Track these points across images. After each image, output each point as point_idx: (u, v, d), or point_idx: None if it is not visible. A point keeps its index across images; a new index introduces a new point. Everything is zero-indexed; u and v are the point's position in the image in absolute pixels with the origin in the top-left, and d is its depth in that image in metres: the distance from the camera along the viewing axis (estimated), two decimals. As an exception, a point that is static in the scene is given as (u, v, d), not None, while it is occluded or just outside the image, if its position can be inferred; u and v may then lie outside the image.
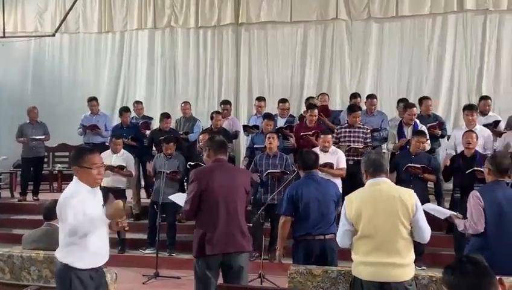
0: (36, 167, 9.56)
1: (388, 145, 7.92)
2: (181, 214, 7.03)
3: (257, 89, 11.00)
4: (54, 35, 11.56)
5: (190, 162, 7.39)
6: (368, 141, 7.54)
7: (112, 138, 8.05)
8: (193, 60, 11.56)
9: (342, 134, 7.57)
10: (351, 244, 3.71)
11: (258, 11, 11.03)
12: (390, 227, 3.55)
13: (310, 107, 8.05)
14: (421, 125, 7.61)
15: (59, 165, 10.88)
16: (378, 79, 10.51)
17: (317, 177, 4.98)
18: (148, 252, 7.41)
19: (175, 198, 5.56)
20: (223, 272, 4.28)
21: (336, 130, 7.71)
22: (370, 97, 8.58)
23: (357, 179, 4.79)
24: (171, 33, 11.71)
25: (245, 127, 8.79)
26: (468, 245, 4.43)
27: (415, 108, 7.75)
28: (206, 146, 4.51)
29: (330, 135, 7.09)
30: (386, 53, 10.49)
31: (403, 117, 7.75)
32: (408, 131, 7.55)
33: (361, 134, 7.52)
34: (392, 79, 10.43)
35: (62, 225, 3.60)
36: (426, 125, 7.71)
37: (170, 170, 7.39)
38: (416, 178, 6.64)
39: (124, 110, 9.29)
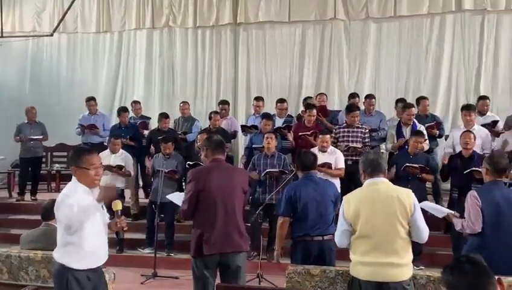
0: (34, 167, 9.54)
1: (387, 145, 7.93)
2: (179, 214, 7.03)
3: (255, 89, 10.99)
4: (52, 35, 11.54)
5: (189, 161, 7.38)
6: (367, 141, 7.54)
7: (111, 138, 8.05)
8: (191, 60, 11.55)
9: (341, 134, 7.58)
10: (349, 244, 3.71)
11: (256, 11, 11.02)
12: (388, 227, 3.55)
13: (309, 107, 8.06)
14: (420, 125, 7.61)
15: (57, 165, 10.85)
16: (376, 79, 10.52)
17: (315, 178, 4.98)
18: (146, 251, 7.41)
19: (173, 197, 5.55)
20: (221, 272, 4.27)
21: (335, 130, 7.71)
22: (368, 97, 8.59)
23: (356, 179, 4.79)
24: (169, 33, 11.70)
25: (243, 127, 8.79)
26: (466, 245, 4.45)
27: (414, 108, 7.77)
28: (204, 146, 4.50)
29: (328, 135, 7.09)
30: (384, 53, 10.49)
31: (402, 117, 7.76)
32: (407, 131, 7.56)
33: (359, 134, 7.53)
34: (390, 79, 10.44)
35: (59, 225, 3.61)
36: (424, 125, 7.72)
37: (168, 169, 7.38)
38: (414, 178, 6.65)
39: (122, 110, 9.29)
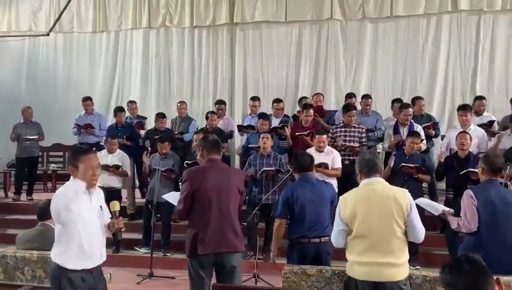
0: (30, 167, 9.51)
1: (384, 144, 7.94)
2: (175, 214, 7.01)
3: (252, 89, 10.99)
4: (48, 34, 11.53)
5: (187, 161, 7.38)
6: (364, 141, 7.55)
7: (108, 138, 8.05)
8: (188, 60, 11.55)
9: (338, 133, 7.58)
10: (346, 244, 3.71)
11: (253, 11, 11.02)
12: (384, 227, 3.56)
13: (306, 107, 8.06)
14: (417, 125, 7.61)
15: (53, 165, 10.82)
16: (372, 79, 10.53)
17: (312, 179, 4.97)
18: (143, 251, 7.39)
19: (168, 197, 5.55)
20: (216, 272, 4.26)
21: (332, 130, 7.71)
22: (365, 97, 8.60)
23: (353, 179, 4.77)
24: (166, 33, 11.69)
25: (240, 127, 8.79)
26: (461, 244, 4.46)
27: (411, 108, 7.75)
28: (200, 146, 4.49)
29: (325, 135, 7.09)
30: (381, 53, 10.50)
31: (399, 117, 7.75)
32: (404, 131, 7.54)
33: (357, 133, 7.53)
34: (387, 79, 10.45)
35: (55, 222, 3.62)
36: (419, 125, 7.72)
37: (165, 168, 7.38)
38: (410, 178, 6.65)
39: (119, 110, 9.29)
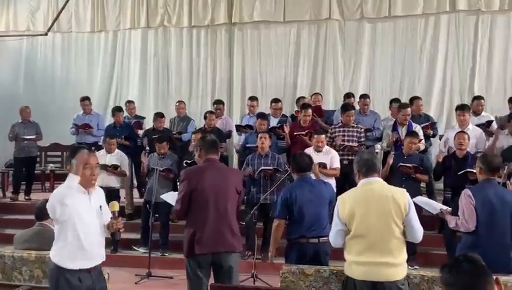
0: (28, 167, 9.50)
1: (382, 144, 7.94)
2: (173, 214, 7.01)
3: (250, 89, 10.99)
4: (47, 34, 11.50)
5: (186, 160, 7.38)
6: (362, 140, 7.55)
7: (106, 138, 8.04)
8: (186, 60, 11.54)
9: (336, 133, 7.58)
10: (344, 244, 3.71)
11: (251, 11, 11.02)
12: (383, 226, 3.56)
13: (304, 107, 8.05)
14: (416, 125, 7.62)
15: (51, 164, 10.80)
16: (371, 79, 10.53)
17: (311, 179, 4.98)
18: (141, 250, 7.38)
19: (166, 197, 5.55)
20: (214, 272, 4.26)
21: (330, 130, 7.71)
22: (363, 97, 8.61)
23: (351, 179, 4.77)
24: (164, 32, 11.68)
25: (238, 127, 8.79)
26: (459, 243, 4.46)
27: (409, 108, 7.76)
28: (198, 146, 4.50)
29: (324, 135, 7.09)
30: (379, 53, 10.50)
31: (397, 117, 7.76)
32: (402, 131, 7.55)
33: (355, 133, 7.54)
34: (385, 79, 10.45)
35: (54, 222, 3.63)
36: (418, 125, 7.72)
37: (163, 168, 7.37)
38: (408, 178, 6.66)
39: (117, 109, 9.29)
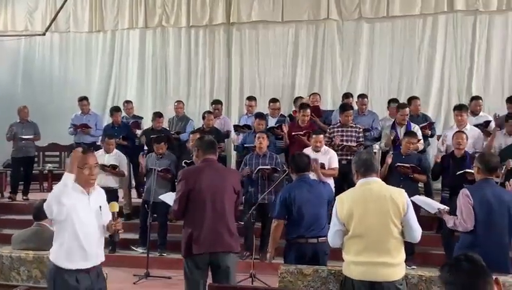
0: (26, 167, 9.48)
1: (381, 144, 7.94)
2: (171, 214, 7.01)
3: (248, 89, 10.99)
4: (45, 34, 11.50)
5: (182, 160, 7.38)
6: (361, 140, 7.55)
7: (105, 138, 8.03)
8: (184, 60, 11.54)
9: (335, 133, 7.57)
10: (342, 244, 3.71)
11: (250, 11, 11.02)
12: (381, 227, 3.56)
13: (303, 107, 8.03)
14: (414, 125, 7.62)
15: (49, 164, 10.76)
16: (369, 79, 10.55)
17: (309, 179, 4.98)
18: (140, 250, 7.37)
19: (165, 198, 5.55)
20: (212, 272, 4.27)
21: (329, 130, 7.71)
22: (361, 97, 8.62)
23: (349, 179, 4.78)
24: (163, 32, 11.68)
25: (236, 127, 8.78)
26: (457, 243, 4.47)
27: (407, 108, 7.77)
28: (195, 146, 4.51)
29: (322, 135, 7.09)
30: (377, 53, 10.52)
31: (396, 117, 7.76)
32: (401, 131, 7.55)
33: (354, 133, 7.54)
34: (383, 79, 10.47)
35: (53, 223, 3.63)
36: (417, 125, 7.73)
37: (161, 168, 7.37)
38: (406, 178, 6.66)
39: (115, 109, 9.27)
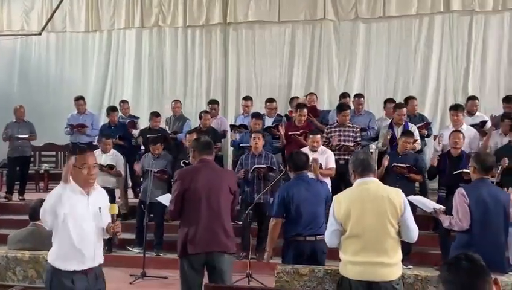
0: (22, 167, 9.44)
1: (378, 144, 7.94)
2: (167, 214, 7.00)
3: (245, 89, 10.97)
4: (41, 34, 11.46)
5: (179, 160, 7.37)
6: (359, 140, 7.56)
7: (102, 138, 8.02)
8: (181, 60, 11.53)
9: (332, 133, 7.58)
10: (339, 243, 3.71)
11: (246, 11, 11.01)
12: (378, 227, 3.56)
13: (299, 106, 8.04)
14: (411, 125, 7.63)
15: (45, 164, 10.75)
16: (365, 79, 10.55)
17: (307, 178, 4.99)
18: (136, 250, 7.37)
19: (162, 199, 5.55)
20: (208, 272, 4.26)
21: (326, 130, 7.71)
22: (357, 96, 8.63)
23: (347, 179, 4.76)
24: (159, 32, 11.66)
25: (232, 127, 8.78)
26: (453, 243, 4.49)
27: (405, 108, 7.77)
28: (192, 147, 4.51)
29: (319, 135, 7.09)
30: (374, 53, 10.53)
31: (393, 117, 7.76)
32: (398, 131, 7.54)
33: (351, 133, 7.55)
34: (379, 79, 10.48)
35: None
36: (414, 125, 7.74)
37: (158, 169, 7.36)
38: (402, 178, 6.67)
39: (111, 109, 9.26)
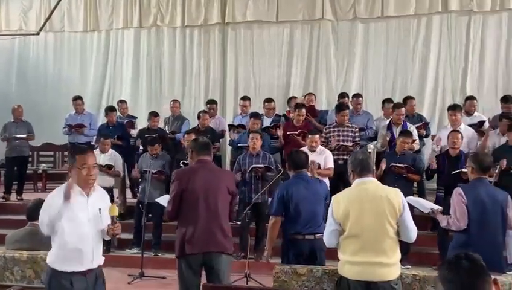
0: (20, 167, 9.42)
1: (377, 144, 7.94)
2: (165, 215, 7.00)
3: (243, 89, 10.97)
4: (39, 33, 11.45)
5: (176, 160, 7.38)
6: (357, 140, 7.56)
7: (100, 138, 8.01)
8: (179, 60, 11.53)
9: (331, 133, 7.58)
10: (338, 243, 3.71)
11: (244, 10, 11.02)
12: (377, 227, 3.56)
13: (298, 106, 8.04)
14: (410, 125, 7.63)
15: (44, 164, 10.73)
16: (364, 79, 10.57)
17: (307, 177, 4.99)
18: (133, 251, 7.37)
19: (161, 200, 5.56)
20: (206, 272, 4.26)
21: (325, 130, 7.71)
22: (355, 96, 8.63)
23: (346, 179, 4.74)
24: (157, 32, 11.66)
25: (230, 127, 8.78)
26: (451, 242, 4.49)
27: (403, 108, 7.78)
28: (190, 148, 4.52)
29: (318, 135, 7.07)
30: (372, 53, 10.54)
31: (392, 117, 7.76)
32: (397, 131, 7.54)
33: (350, 133, 7.54)
34: (378, 79, 10.49)
35: None
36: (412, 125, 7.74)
37: (156, 170, 7.35)
38: (400, 178, 6.67)
39: (110, 109, 9.26)
